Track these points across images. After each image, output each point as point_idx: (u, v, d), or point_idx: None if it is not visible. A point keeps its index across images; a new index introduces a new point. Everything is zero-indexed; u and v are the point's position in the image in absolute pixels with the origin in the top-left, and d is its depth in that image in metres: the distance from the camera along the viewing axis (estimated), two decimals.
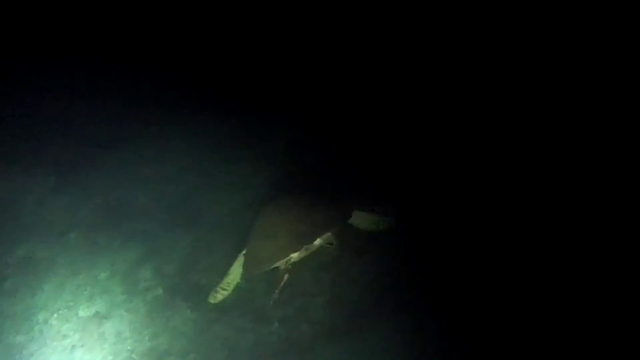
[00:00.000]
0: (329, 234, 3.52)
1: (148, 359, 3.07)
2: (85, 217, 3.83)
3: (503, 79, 5.04)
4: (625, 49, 4.92)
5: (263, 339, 3.24)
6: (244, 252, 3.50)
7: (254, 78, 5.55)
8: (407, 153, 4.42)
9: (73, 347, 3.01)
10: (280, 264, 3.43)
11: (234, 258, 3.56)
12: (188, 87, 5.36)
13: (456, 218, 3.80)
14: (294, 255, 3.45)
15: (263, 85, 5.45)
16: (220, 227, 3.84)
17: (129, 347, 3.09)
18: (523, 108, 4.76)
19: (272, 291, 3.38)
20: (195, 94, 5.28)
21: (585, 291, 3.27)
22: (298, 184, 4.16)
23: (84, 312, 3.19)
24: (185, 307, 3.35)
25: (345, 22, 5.68)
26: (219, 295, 3.40)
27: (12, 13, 4.68)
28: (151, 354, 3.10)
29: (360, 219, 3.68)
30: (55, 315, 3.11)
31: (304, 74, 5.54)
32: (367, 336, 3.15)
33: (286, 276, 3.41)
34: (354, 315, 3.27)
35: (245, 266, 3.42)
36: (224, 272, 3.50)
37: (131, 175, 4.24)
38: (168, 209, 3.94)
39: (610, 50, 5.00)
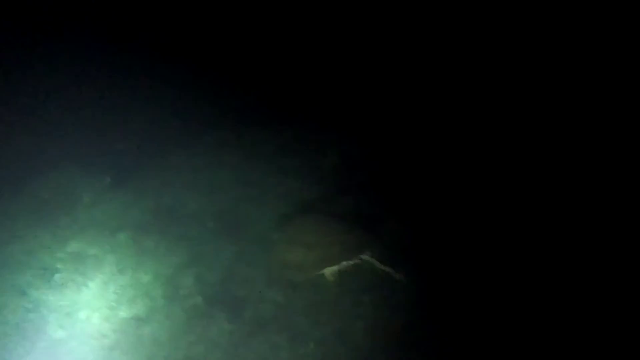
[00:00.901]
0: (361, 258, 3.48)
1: None
2: (135, 218, 3.90)
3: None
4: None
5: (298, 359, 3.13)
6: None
7: (310, 92, 5.52)
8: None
9: (111, 348, 3.03)
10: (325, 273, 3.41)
11: (274, 273, 3.49)
12: (245, 98, 5.41)
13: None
14: (334, 269, 3.41)
15: (320, 99, 5.42)
16: (264, 239, 3.79)
17: (164, 354, 3.08)
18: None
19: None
20: (251, 105, 5.33)
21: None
22: (341, 203, 4.05)
23: (124, 313, 3.21)
24: (222, 318, 3.30)
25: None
26: None
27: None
28: None
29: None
30: (97, 314, 3.16)
31: (362, 92, 5.46)
32: None
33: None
34: (394, 343, 3.11)
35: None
36: (263, 285, 3.44)
37: (183, 181, 4.30)
38: (215, 217, 3.95)
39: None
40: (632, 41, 4.88)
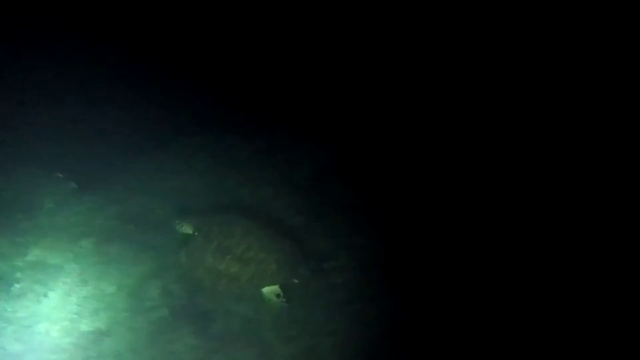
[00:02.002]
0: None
1: None
2: (99, 225, 3.78)
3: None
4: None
5: None
6: None
7: (285, 99, 5.48)
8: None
9: None
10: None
11: (243, 285, 3.46)
12: (217, 104, 5.32)
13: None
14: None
15: (294, 107, 5.38)
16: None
17: None
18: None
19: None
20: (224, 112, 5.23)
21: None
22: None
23: (86, 326, 3.10)
24: (188, 332, 3.23)
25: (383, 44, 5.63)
26: None
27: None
28: None
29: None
30: (57, 327, 3.04)
31: (337, 98, 5.46)
32: None
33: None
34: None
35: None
36: (233, 299, 3.40)
37: (151, 187, 4.19)
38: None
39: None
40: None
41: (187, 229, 3.73)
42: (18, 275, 3.19)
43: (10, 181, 3.80)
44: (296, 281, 3.52)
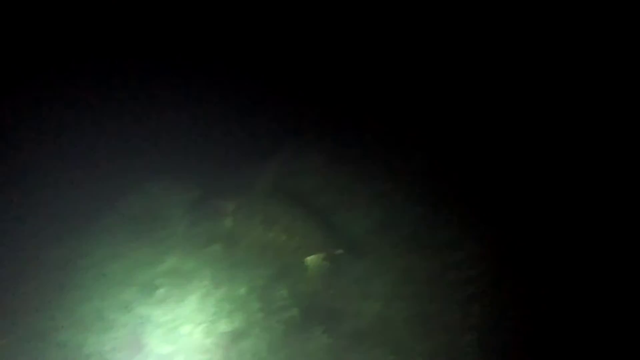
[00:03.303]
0: None
1: None
2: (225, 229, 3.90)
3: None
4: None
5: None
6: None
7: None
8: None
9: None
10: None
11: (370, 283, 3.36)
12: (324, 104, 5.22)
13: None
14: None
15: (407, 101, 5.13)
16: (355, 248, 3.66)
17: None
18: None
19: None
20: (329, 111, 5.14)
21: None
22: None
23: (224, 327, 3.20)
24: (320, 332, 3.21)
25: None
26: None
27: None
28: None
29: None
30: (199, 329, 3.17)
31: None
32: None
33: None
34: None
35: None
36: (360, 297, 3.32)
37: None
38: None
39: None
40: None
41: None
42: (159, 281, 3.39)
43: (145, 194, 4.06)
44: (340, 251, 3.53)
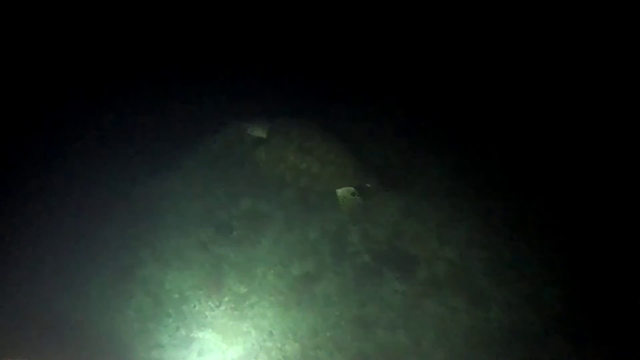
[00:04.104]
0: None
1: (355, 327, 2.98)
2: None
3: None
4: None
5: (480, 325, 2.85)
6: None
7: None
8: None
9: (286, 305, 3.07)
10: None
11: (448, 228, 3.22)
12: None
13: None
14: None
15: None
16: (433, 193, 3.50)
17: (337, 312, 3.04)
18: None
19: None
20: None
21: None
22: None
23: (296, 270, 3.22)
24: (393, 278, 3.15)
25: None
26: None
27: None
28: (359, 322, 3.00)
29: None
30: (272, 271, 3.21)
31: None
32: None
33: None
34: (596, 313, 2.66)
35: None
36: (436, 243, 3.21)
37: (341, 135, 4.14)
38: (377, 171, 3.72)
39: None
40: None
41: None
42: (235, 223, 3.44)
43: (222, 135, 4.07)
44: (368, 185, 3.50)
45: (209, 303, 3.08)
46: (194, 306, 3.07)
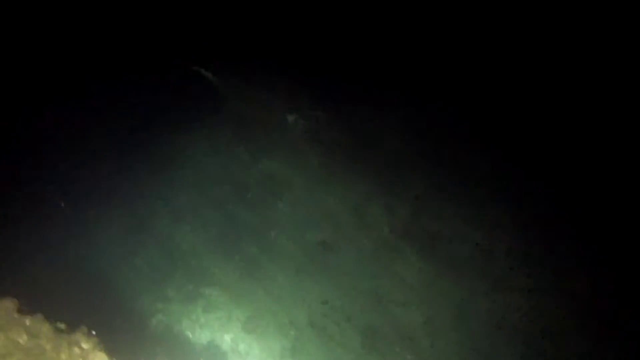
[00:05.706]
0: None
1: (367, 300, 2.86)
2: (328, 142, 3.73)
3: None
4: None
5: (500, 309, 2.69)
6: None
7: None
8: None
9: (298, 270, 2.97)
10: None
11: (477, 209, 3.03)
12: None
13: None
14: None
15: None
16: (461, 172, 3.32)
17: (349, 283, 2.93)
18: None
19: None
20: None
21: None
22: None
23: (311, 237, 3.11)
24: (412, 253, 3.00)
25: None
26: None
27: None
28: (370, 295, 2.88)
29: None
30: (286, 235, 3.11)
31: None
32: None
33: None
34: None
35: None
36: (460, 222, 3.02)
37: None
38: (408, 144, 3.54)
39: None
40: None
41: None
42: (252, 182, 3.35)
43: (241, 96, 3.97)
44: None
45: (219, 261, 3.01)
46: (203, 262, 3.00)
